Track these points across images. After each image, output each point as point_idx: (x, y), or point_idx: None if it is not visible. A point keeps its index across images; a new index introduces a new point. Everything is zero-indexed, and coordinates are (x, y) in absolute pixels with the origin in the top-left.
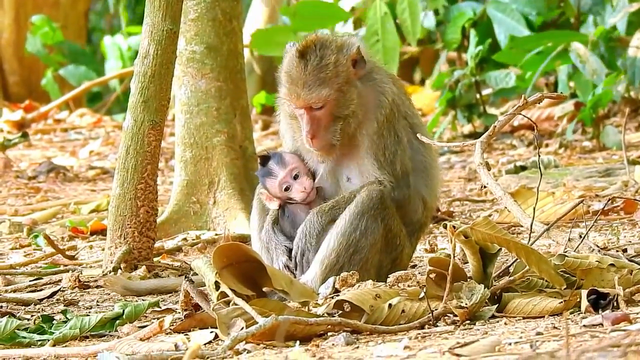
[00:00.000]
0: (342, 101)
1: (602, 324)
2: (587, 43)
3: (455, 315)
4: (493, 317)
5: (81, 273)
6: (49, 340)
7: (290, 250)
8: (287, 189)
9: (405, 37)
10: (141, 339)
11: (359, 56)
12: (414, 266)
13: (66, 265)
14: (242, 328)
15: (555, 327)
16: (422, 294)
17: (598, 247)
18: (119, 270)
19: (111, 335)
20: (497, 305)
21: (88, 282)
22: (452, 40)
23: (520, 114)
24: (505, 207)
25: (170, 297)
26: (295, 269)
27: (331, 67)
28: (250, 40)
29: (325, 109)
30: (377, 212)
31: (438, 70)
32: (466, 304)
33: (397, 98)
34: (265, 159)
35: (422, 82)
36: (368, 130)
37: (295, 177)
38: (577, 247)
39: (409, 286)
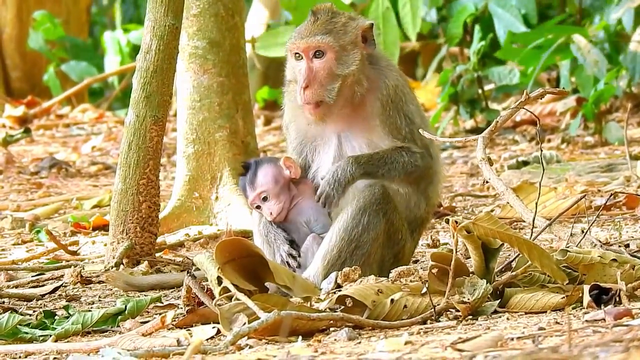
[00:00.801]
0: (344, 58)
1: (604, 319)
2: (588, 37)
3: (458, 311)
4: (495, 312)
5: (83, 268)
6: (51, 335)
7: (290, 241)
8: (258, 207)
9: (405, 32)
10: (143, 335)
11: (370, 34)
12: (416, 261)
13: (68, 261)
14: (245, 323)
15: (557, 322)
16: (425, 289)
17: (600, 242)
18: (121, 266)
19: (113, 331)
20: (499, 301)
21: (90, 277)
22: (454, 36)
23: (524, 108)
24: (508, 202)
25: (172, 292)
26: (323, 206)
27: (340, 25)
28: (255, 44)
29: (325, 61)
30: (379, 206)
31: (435, 65)
32: (468, 299)
33: (401, 85)
34: (246, 169)
35: (424, 78)
36: (376, 111)
37: (265, 199)
38: (579, 242)
39: (411, 281)
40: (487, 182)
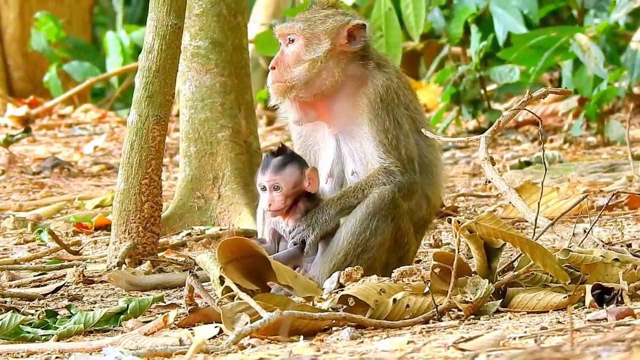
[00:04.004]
0: (313, 45)
1: (606, 319)
2: (589, 36)
3: (460, 310)
4: (497, 311)
5: (85, 268)
6: (53, 335)
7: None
8: (262, 189)
9: (408, 32)
10: (145, 334)
11: (359, 33)
12: (418, 261)
13: (70, 261)
14: (247, 323)
15: (559, 322)
16: (427, 289)
17: (602, 242)
18: (124, 266)
19: (115, 330)
20: (501, 300)
21: (92, 277)
22: (455, 35)
23: (525, 109)
24: (510, 202)
25: (174, 292)
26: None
27: (321, 15)
28: (254, 42)
29: (295, 47)
30: (388, 212)
31: (437, 64)
32: (470, 299)
33: (395, 86)
34: (280, 150)
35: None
36: (364, 109)
37: (275, 189)
38: (582, 242)
39: (413, 281)
40: (489, 182)
